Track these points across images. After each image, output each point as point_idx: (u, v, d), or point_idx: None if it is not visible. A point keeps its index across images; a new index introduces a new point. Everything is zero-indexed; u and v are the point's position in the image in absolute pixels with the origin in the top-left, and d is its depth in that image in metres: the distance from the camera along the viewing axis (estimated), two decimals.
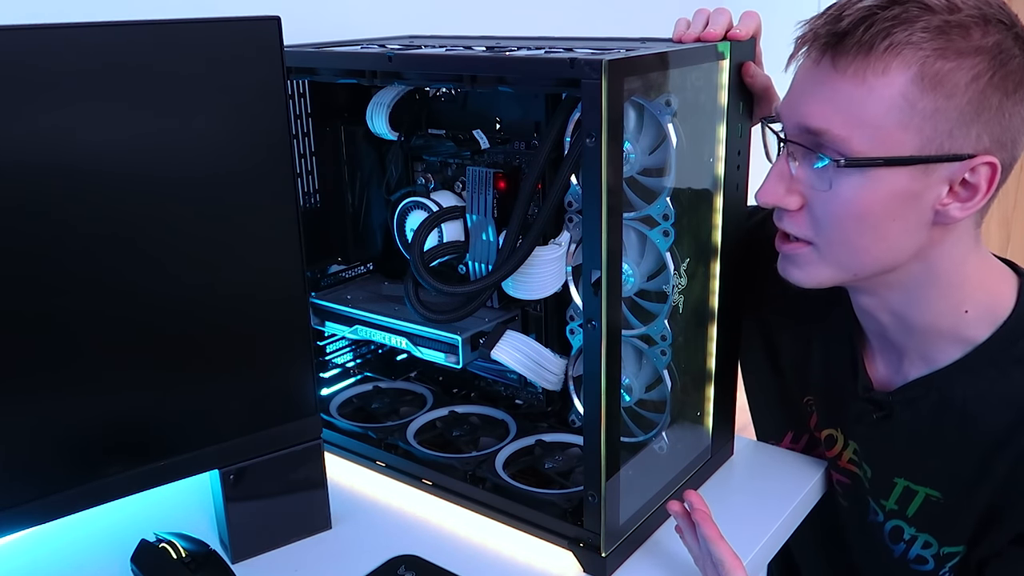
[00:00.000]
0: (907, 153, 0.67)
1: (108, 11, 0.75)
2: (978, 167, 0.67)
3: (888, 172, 0.67)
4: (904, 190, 0.68)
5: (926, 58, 0.64)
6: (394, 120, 0.94)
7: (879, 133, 0.66)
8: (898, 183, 0.68)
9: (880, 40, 0.65)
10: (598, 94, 0.64)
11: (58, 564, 0.82)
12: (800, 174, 0.72)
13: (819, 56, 0.69)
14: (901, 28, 0.64)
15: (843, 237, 0.72)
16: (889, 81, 0.65)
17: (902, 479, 0.82)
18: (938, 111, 0.65)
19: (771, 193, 0.74)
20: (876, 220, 0.70)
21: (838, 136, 0.68)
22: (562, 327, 0.89)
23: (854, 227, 0.71)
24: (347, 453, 0.97)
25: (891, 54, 0.65)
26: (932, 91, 0.65)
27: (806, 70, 0.70)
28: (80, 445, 0.71)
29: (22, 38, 0.62)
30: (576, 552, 0.79)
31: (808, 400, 0.92)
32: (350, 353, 1.09)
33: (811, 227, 0.73)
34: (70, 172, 0.66)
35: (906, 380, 0.81)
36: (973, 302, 0.75)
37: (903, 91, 0.65)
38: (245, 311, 0.77)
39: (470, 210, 0.87)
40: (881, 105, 0.66)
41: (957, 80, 0.64)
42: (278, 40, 0.72)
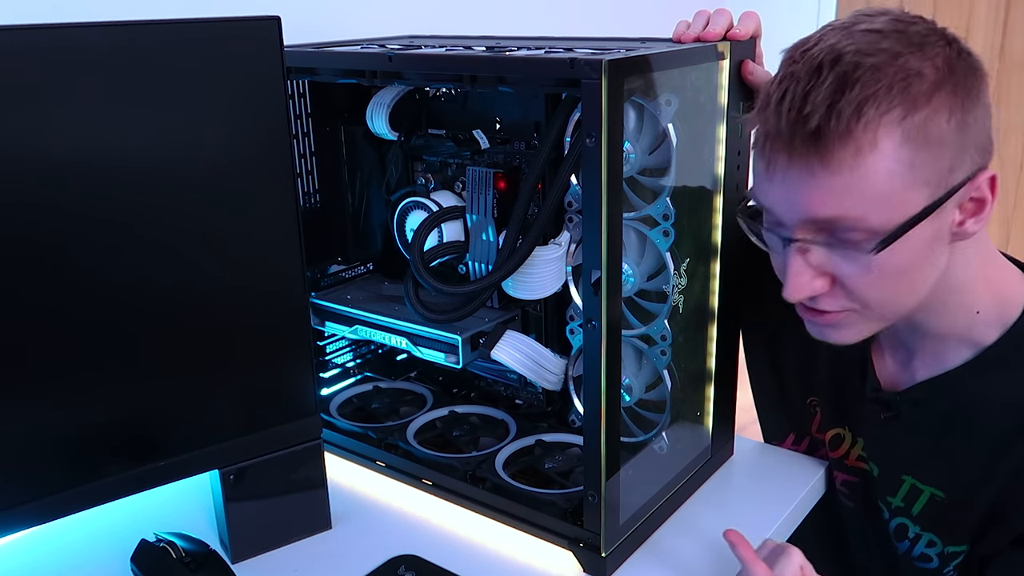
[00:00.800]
0: (920, 207, 0.66)
1: (108, 11, 0.74)
2: (983, 183, 0.68)
3: (913, 231, 0.67)
4: (928, 235, 0.68)
5: (903, 119, 0.64)
6: (394, 120, 0.94)
7: (891, 202, 0.66)
8: (922, 233, 0.68)
9: (855, 123, 0.64)
10: (598, 94, 0.64)
11: (58, 564, 0.82)
12: (819, 259, 0.70)
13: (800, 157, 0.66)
14: (869, 104, 0.63)
15: (885, 298, 0.72)
16: (881, 155, 0.64)
17: (909, 477, 0.82)
18: (934, 158, 0.65)
19: (800, 289, 0.71)
20: (912, 271, 0.70)
21: (853, 218, 0.66)
22: (562, 327, 0.89)
23: (894, 286, 0.71)
24: (347, 453, 0.97)
25: (871, 130, 0.64)
26: (924, 141, 0.65)
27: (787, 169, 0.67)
28: (80, 445, 0.71)
29: (22, 38, 0.62)
30: (576, 552, 0.79)
31: (812, 401, 0.92)
32: (350, 353, 1.09)
33: (848, 299, 0.72)
34: (69, 173, 0.66)
35: (915, 380, 0.81)
36: (984, 303, 0.76)
37: (898, 157, 0.65)
38: (245, 311, 0.77)
39: (470, 210, 0.87)
40: (883, 178, 0.65)
41: (938, 122, 0.65)
42: (278, 40, 0.72)
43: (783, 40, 0.75)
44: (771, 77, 0.82)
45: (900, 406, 0.82)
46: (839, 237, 0.68)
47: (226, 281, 0.76)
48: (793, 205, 0.69)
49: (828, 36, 0.67)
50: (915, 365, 0.82)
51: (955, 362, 0.78)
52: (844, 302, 0.72)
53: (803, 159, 0.66)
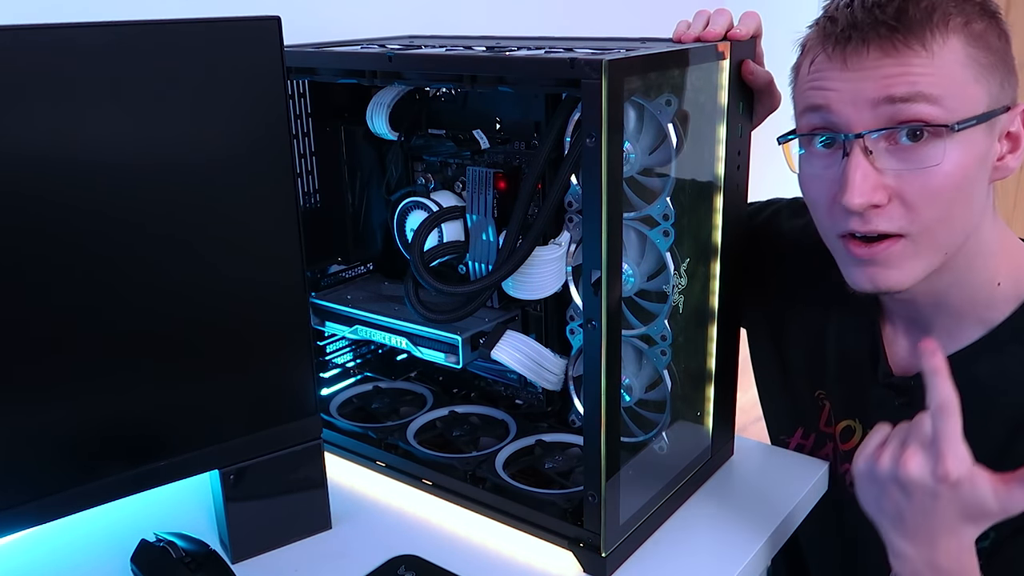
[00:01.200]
0: (982, 109, 0.70)
1: (108, 11, 0.74)
2: (1017, 116, 0.73)
3: (974, 132, 0.70)
4: (982, 148, 0.71)
5: (967, 22, 0.70)
6: (394, 120, 0.94)
7: (963, 91, 0.70)
8: (979, 142, 0.71)
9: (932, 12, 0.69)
10: (598, 94, 0.64)
11: (58, 564, 0.82)
12: (883, 164, 0.71)
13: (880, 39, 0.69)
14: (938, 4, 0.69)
15: (942, 214, 0.71)
16: (952, 46, 0.69)
17: None
18: (991, 65, 0.71)
19: (864, 193, 0.70)
20: (969, 185, 0.72)
21: (931, 96, 0.69)
22: (562, 327, 0.89)
23: (954, 198, 0.71)
24: (347, 453, 0.97)
25: (942, 23, 0.69)
26: (984, 48, 0.70)
27: (864, 55, 0.70)
28: (80, 445, 0.71)
29: (22, 38, 0.62)
30: (576, 552, 0.79)
31: (820, 394, 0.92)
32: (350, 353, 1.09)
33: (905, 216, 0.72)
34: (69, 172, 0.66)
35: None
36: (1004, 274, 0.77)
37: (966, 52, 0.69)
38: (245, 311, 0.77)
39: (470, 210, 0.87)
40: (956, 65, 0.69)
41: (991, 38, 0.71)
42: (278, 40, 0.72)
43: (783, 40, 0.75)
44: (771, 77, 0.82)
45: (914, 391, 0.80)
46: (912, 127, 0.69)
47: (226, 281, 0.76)
48: (866, 90, 0.70)
49: None
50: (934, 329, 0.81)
51: (967, 340, 0.78)
52: (901, 222, 0.71)
53: (883, 40, 0.69)
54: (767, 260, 0.91)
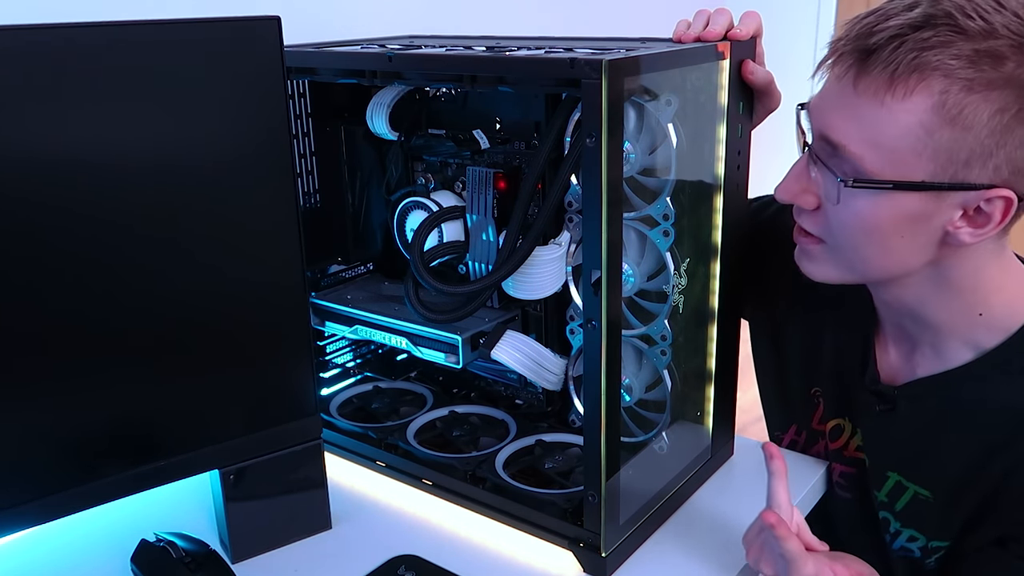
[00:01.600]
0: (919, 178, 0.66)
1: (108, 11, 0.74)
2: (993, 198, 0.66)
3: (898, 194, 0.67)
4: (914, 212, 0.68)
5: (950, 88, 0.63)
6: (394, 120, 0.93)
7: (893, 156, 0.66)
8: (908, 205, 0.68)
9: (907, 63, 0.63)
10: (598, 94, 0.64)
11: (58, 564, 0.82)
12: (818, 178, 0.73)
13: (844, 71, 0.68)
14: (931, 52, 0.63)
15: (852, 244, 0.73)
16: (909, 107, 0.64)
17: (895, 474, 0.83)
18: (955, 141, 0.64)
19: (787, 191, 0.75)
20: (883, 236, 0.70)
21: (853, 153, 0.68)
22: (562, 327, 0.89)
23: (862, 238, 0.72)
24: (347, 453, 0.97)
25: (916, 79, 0.63)
26: (951, 123, 0.63)
27: (832, 81, 0.70)
28: (80, 445, 0.71)
29: (22, 38, 0.62)
30: (576, 552, 0.79)
31: (815, 392, 0.92)
32: (350, 353, 1.09)
33: (823, 228, 0.74)
34: (69, 172, 0.66)
35: (914, 376, 0.81)
36: (988, 307, 0.75)
37: (922, 119, 0.64)
38: (245, 311, 0.77)
39: (470, 210, 0.87)
40: (897, 129, 0.65)
41: (980, 113, 0.63)
42: (278, 40, 0.72)
43: (784, 39, 0.75)
44: (772, 77, 0.82)
45: (896, 400, 0.82)
46: (836, 163, 0.70)
47: (226, 281, 0.76)
48: (819, 116, 0.71)
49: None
50: (916, 360, 0.81)
51: (955, 361, 0.78)
52: (819, 229, 0.75)
53: (845, 69, 0.68)
54: (770, 256, 0.91)
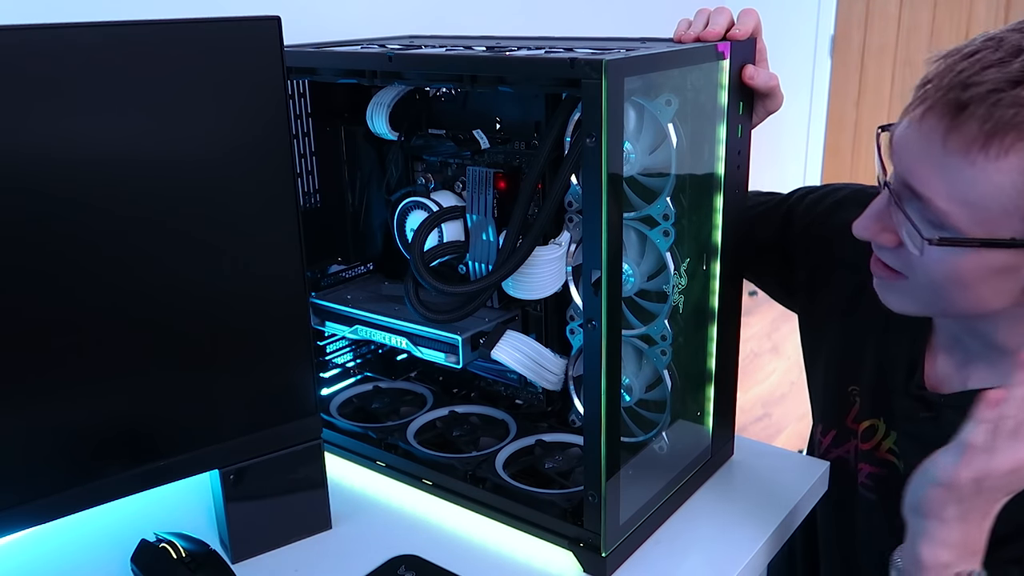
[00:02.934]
0: (1008, 235, 0.64)
1: (108, 11, 0.74)
2: None
3: (985, 250, 0.66)
4: (1001, 265, 0.67)
5: None
6: (394, 120, 0.94)
7: (982, 214, 0.64)
8: (995, 260, 0.66)
9: (1002, 123, 0.61)
10: (598, 94, 0.64)
11: (58, 564, 0.82)
12: (898, 219, 0.70)
13: (936, 121, 0.65)
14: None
15: (934, 288, 0.71)
16: (1004, 167, 0.62)
17: None
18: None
19: (866, 229, 0.73)
20: (967, 285, 0.69)
21: (938, 208, 0.66)
22: (562, 327, 0.89)
23: (945, 285, 0.70)
24: (347, 453, 0.97)
25: (1012, 138, 0.61)
26: None
27: (920, 129, 0.66)
28: (80, 445, 0.71)
29: (22, 38, 0.62)
30: (576, 552, 0.79)
31: (852, 390, 0.91)
32: (350, 353, 1.09)
33: (905, 265, 0.72)
34: (69, 172, 0.66)
35: (965, 386, 0.79)
36: None
37: (1015, 180, 0.62)
38: (245, 311, 0.77)
39: (470, 210, 0.87)
40: (989, 189, 0.63)
41: None
42: (278, 40, 0.72)
43: (784, 39, 0.75)
44: (776, 80, 0.82)
45: (942, 409, 0.80)
46: (919, 212, 0.67)
47: (226, 281, 0.76)
48: (903, 162, 0.68)
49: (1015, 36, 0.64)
50: (969, 371, 0.79)
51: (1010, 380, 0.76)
52: (901, 265, 0.72)
53: (937, 120, 0.65)
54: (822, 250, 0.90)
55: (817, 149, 3.37)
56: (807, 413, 1.03)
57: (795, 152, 3.37)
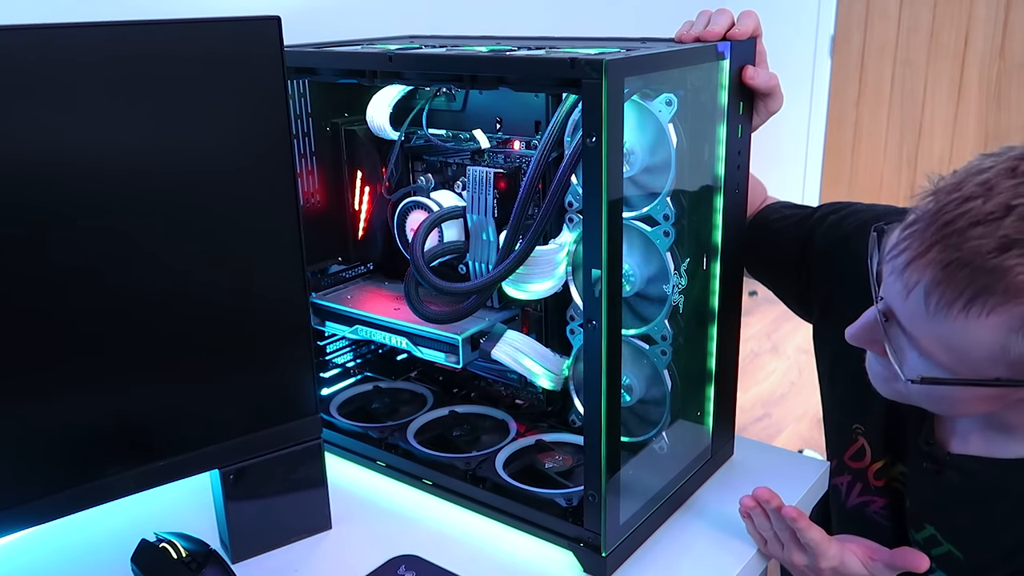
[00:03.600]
0: (994, 376, 0.64)
1: (108, 11, 0.74)
2: None
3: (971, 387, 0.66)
4: (988, 395, 0.68)
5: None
6: (394, 120, 0.94)
7: (966, 359, 0.64)
8: (982, 392, 0.67)
9: (984, 288, 0.61)
10: (598, 94, 0.64)
11: (58, 564, 0.82)
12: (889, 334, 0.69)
13: (919, 275, 0.64)
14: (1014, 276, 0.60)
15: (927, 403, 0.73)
16: (985, 325, 0.62)
17: (932, 528, 0.81)
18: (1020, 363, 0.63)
19: (857, 339, 0.73)
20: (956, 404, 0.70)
21: (924, 348, 0.66)
22: (562, 327, 0.89)
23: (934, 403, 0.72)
24: (347, 453, 0.97)
25: (993, 304, 0.61)
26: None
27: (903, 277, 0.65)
28: (80, 445, 0.71)
29: (22, 38, 0.62)
30: (576, 552, 0.79)
31: (856, 428, 0.90)
32: (350, 353, 1.09)
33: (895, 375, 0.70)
34: (69, 171, 0.66)
35: (967, 449, 0.79)
36: None
37: (997, 338, 0.62)
38: (245, 311, 0.77)
39: (470, 210, 0.87)
40: (972, 341, 0.63)
41: None
42: (278, 40, 0.72)
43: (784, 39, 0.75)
44: (776, 80, 0.82)
45: (945, 466, 0.79)
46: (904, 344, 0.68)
47: (226, 281, 0.76)
48: (890, 294, 0.67)
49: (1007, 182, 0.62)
50: (974, 431, 0.79)
51: (1017, 451, 0.75)
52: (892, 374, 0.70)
53: (919, 275, 0.63)
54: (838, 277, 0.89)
55: (817, 149, 3.37)
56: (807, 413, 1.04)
57: (795, 152, 3.37)
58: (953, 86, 2.97)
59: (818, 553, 0.76)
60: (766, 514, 0.79)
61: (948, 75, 2.97)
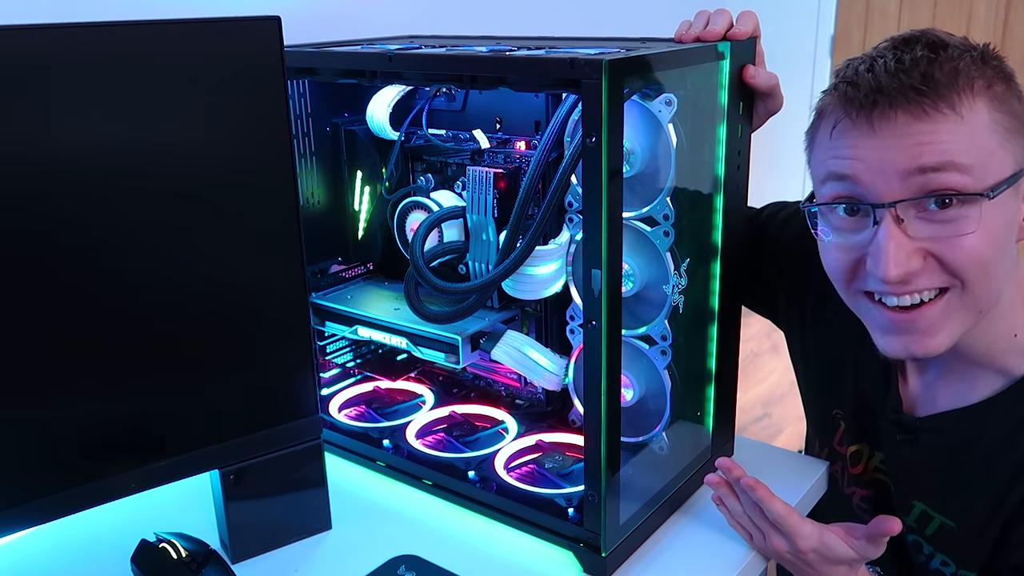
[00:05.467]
0: (1009, 173, 0.68)
1: (108, 11, 0.74)
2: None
3: (1003, 197, 0.68)
4: (1011, 213, 0.70)
5: (989, 84, 0.68)
6: (394, 120, 0.94)
7: (991, 157, 0.67)
8: (1008, 206, 0.69)
9: (956, 75, 0.67)
10: (598, 94, 0.64)
11: (58, 564, 0.82)
12: (916, 231, 0.68)
13: (909, 104, 0.66)
14: (961, 65, 0.67)
15: (980, 275, 0.69)
16: (978, 110, 0.67)
17: (920, 503, 0.82)
18: (1014, 129, 0.69)
19: (899, 264, 0.67)
20: (1001, 247, 0.70)
21: (962, 165, 0.66)
22: (562, 327, 0.89)
23: (989, 260, 0.69)
24: (347, 453, 0.97)
25: (968, 86, 0.67)
26: (1007, 111, 0.68)
27: (892, 121, 0.66)
28: (80, 445, 0.71)
29: (22, 38, 0.62)
30: (576, 552, 0.79)
31: (836, 413, 0.91)
32: (350, 353, 1.09)
33: (943, 276, 0.69)
34: (69, 171, 0.66)
35: (936, 406, 0.80)
36: (1021, 327, 0.75)
37: (991, 115, 0.67)
38: (245, 311, 0.77)
39: (470, 210, 0.87)
40: (984, 130, 0.67)
41: (1012, 100, 0.69)
42: (278, 40, 0.72)
43: (784, 39, 0.75)
44: (776, 80, 0.82)
45: (918, 431, 0.80)
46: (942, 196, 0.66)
47: (226, 281, 0.76)
48: (896, 159, 0.67)
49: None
50: (937, 389, 0.80)
51: (983, 393, 0.76)
52: (944, 277, 0.68)
53: (912, 105, 0.66)
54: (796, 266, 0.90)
55: None
56: None
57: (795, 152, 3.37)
58: None
59: (790, 530, 0.74)
60: (735, 494, 0.79)
61: None
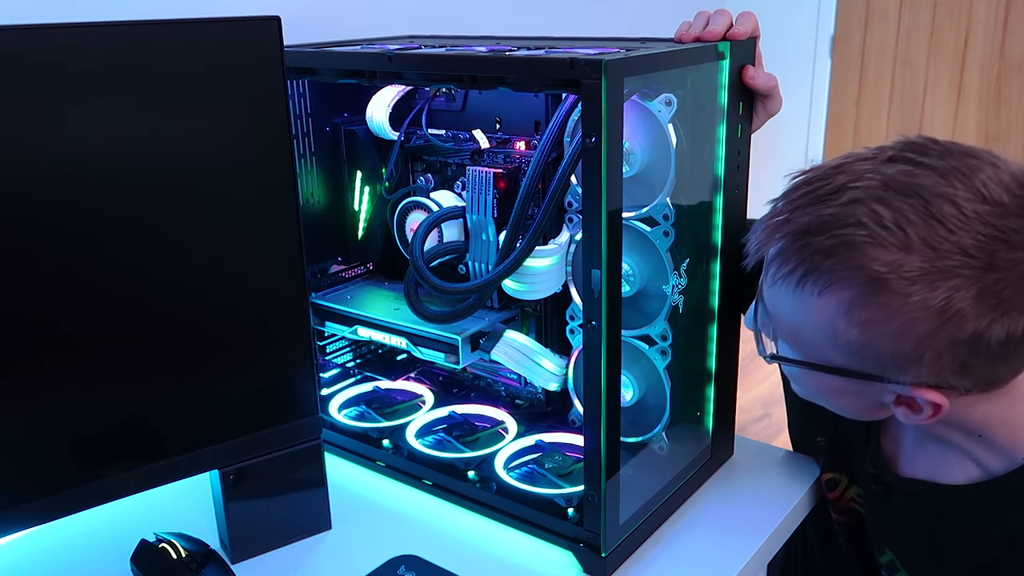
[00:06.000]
0: (835, 363, 0.66)
1: (108, 11, 0.74)
2: (917, 397, 0.64)
3: (819, 372, 0.68)
4: (843, 387, 0.68)
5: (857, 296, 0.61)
6: (394, 120, 0.94)
7: (809, 345, 0.67)
8: (835, 381, 0.67)
9: (818, 265, 0.61)
10: (598, 94, 0.64)
11: (58, 564, 0.82)
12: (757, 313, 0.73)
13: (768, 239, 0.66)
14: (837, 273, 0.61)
15: (809, 394, 0.74)
16: (819, 306, 0.63)
17: (891, 553, 0.81)
18: (866, 347, 0.63)
19: (750, 320, 0.75)
20: (826, 393, 0.72)
21: (784, 329, 0.69)
22: (562, 327, 0.89)
23: (812, 393, 0.74)
24: (347, 453, 0.97)
25: (827, 282, 0.61)
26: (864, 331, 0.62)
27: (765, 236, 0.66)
28: (80, 444, 0.71)
29: (22, 38, 0.62)
30: (576, 552, 0.79)
31: (819, 440, 0.90)
32: (350, 353, 1.09)
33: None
34: (69, 171, 0.66)
35: (914, 472, 0.78)
36: (990, 433, 0.71)
37: (830, 323, 0.63)
38: (245, 311, 0.77)
39: (470, 210, 0.87)
40: (810, 323, 0.65)
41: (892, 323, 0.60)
42: (278, 40, 0.72)
43: (784, 39, 0.75)
44: (775, 81, 0.82)
45: (893, 490, 0.79)
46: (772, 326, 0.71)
47: (226, 281, 0.76)
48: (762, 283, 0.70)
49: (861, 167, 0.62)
50: (917, 453, 0.78)
51: (959, 478, 0.74)
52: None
53: (768, 239, 0.66)
54: None
55: (817, 149, 3.37)
56: None
57: (795, 152, 3.37)
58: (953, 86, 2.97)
59: None
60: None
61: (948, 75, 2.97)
